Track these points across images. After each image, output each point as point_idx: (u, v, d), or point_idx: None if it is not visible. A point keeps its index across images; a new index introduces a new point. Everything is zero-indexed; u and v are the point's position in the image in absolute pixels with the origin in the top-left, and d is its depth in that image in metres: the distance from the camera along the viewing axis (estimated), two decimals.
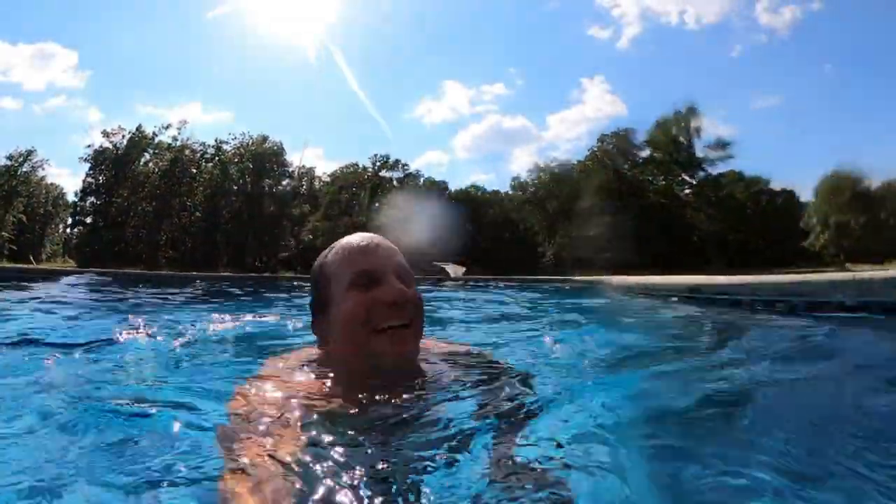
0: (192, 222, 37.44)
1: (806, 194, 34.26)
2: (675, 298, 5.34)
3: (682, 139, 33.78)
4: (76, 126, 56.43)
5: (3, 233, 35.11)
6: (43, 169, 37.93)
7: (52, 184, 40.58)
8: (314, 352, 1.15)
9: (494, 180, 79.06)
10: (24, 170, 36.65)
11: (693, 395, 1.45)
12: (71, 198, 40.84)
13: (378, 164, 38.62)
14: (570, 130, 58.67)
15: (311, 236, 36.94)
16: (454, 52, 68.20)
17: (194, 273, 17.55)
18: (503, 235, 38.96)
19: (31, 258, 36.00)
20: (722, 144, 33.95)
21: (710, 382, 1.60)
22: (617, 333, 2.71)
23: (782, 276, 6.67)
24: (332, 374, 1.04)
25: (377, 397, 0.99)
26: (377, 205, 38.63)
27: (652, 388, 1.53)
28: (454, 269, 21.64)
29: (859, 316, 3.70)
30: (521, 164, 57.89)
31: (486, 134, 60.70)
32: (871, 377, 1.85)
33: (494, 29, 66.53)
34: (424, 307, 1.07)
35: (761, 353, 2.24)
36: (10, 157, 35.79)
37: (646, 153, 35.52)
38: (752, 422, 1.30)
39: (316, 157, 69.15)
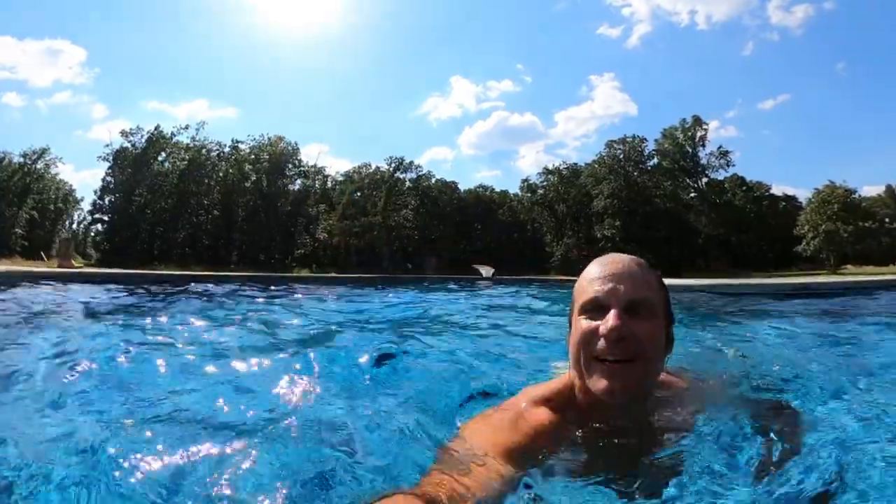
0: (208, 220, 37.72)
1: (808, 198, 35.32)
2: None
3: (687, 147, 35.71)
4: (80, 122, 55.45)
5: (17, 229, 34.80)
6: (56, 166, 37.65)
7: (62, 180, 40.12)
8: (561, 383, 1.12)
9: (501, 177, 79.54)
10: (38, 167, 36.31)
11: None
12: (80, 194, 40.61)
13: (393, 165, 39.52)
14: (578, 128, 58.29)
15: (326, 235, 37.57)
16: (462, 49, 68.14)
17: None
18: (512, 236, 39.76)
19: (42, 254, 35.69)
20: (723, 153, 36.14)
21: None
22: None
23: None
24: (559, 412, 1.05)
25: (590, 437, 1.01)
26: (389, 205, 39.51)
27: None
28: (486, 270, 23.59)
29: None
30: (528, 161, 57.63)
31: (493, 131, 60.37)
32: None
33: (503, 26, 66.73)
34: (668, 342, 1.04)
35: None
36: (23, 155, 35.55)
37: (653, 161, 37.29)
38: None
39: (322, 153, 68.92)
